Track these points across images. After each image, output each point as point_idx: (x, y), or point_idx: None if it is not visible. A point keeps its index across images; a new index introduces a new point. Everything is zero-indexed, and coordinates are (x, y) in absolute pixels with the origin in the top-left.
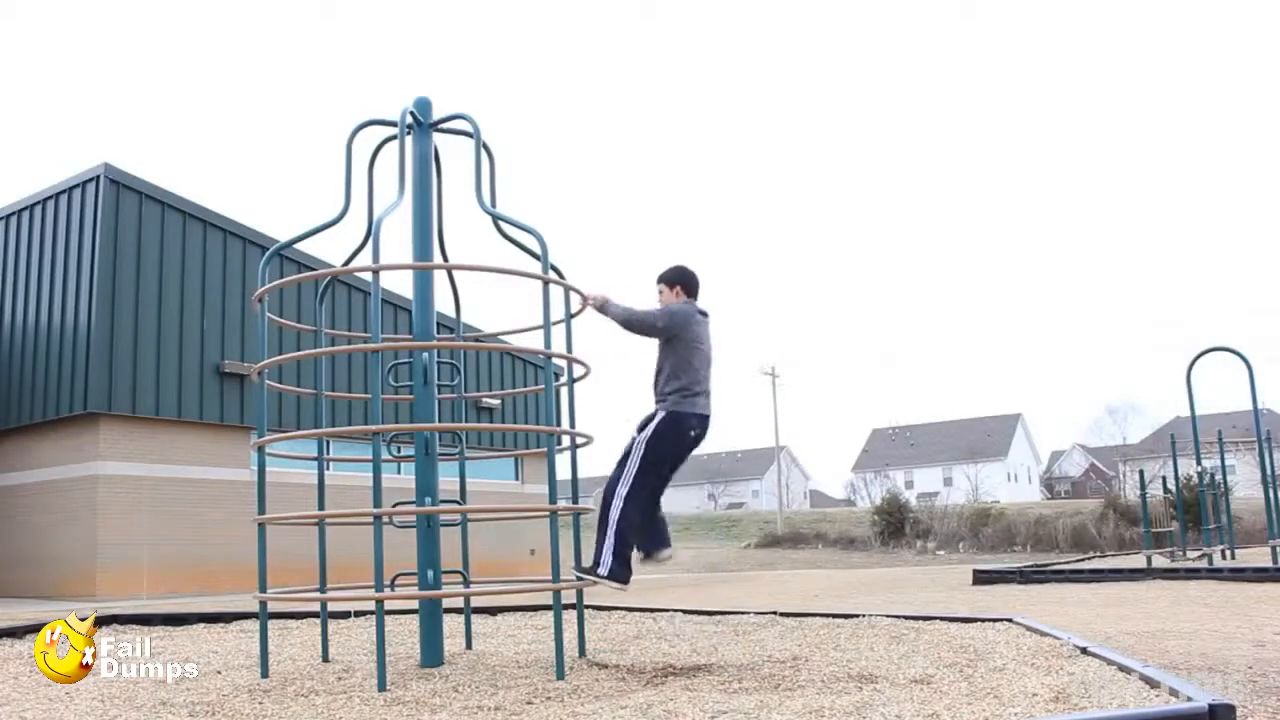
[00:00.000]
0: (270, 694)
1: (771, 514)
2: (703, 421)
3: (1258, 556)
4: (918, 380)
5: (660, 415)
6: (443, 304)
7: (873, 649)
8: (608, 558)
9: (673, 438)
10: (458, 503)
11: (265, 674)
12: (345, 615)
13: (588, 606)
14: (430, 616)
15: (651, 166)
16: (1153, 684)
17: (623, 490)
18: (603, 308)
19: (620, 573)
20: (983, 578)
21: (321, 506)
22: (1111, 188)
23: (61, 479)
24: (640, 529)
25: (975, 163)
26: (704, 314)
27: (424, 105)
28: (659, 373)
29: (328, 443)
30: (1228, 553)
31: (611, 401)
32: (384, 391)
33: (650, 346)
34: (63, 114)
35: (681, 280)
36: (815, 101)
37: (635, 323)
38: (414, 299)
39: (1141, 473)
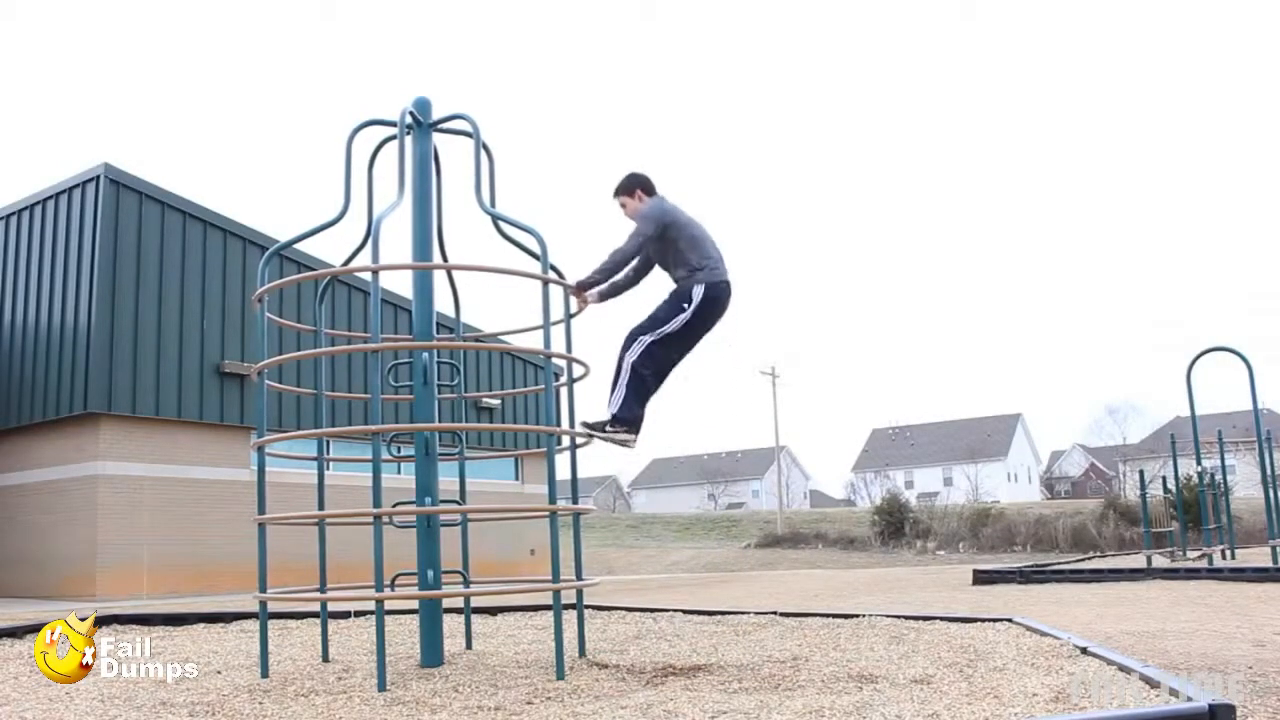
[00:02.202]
0: (270, 694)
1: (771, 514)
2: (730, 289)
3: (1258, 556)
4: (918, 380)
5: (699, 291)
6: (443, 304)
7: (873, 649)
8: (620, 395)
9: (711, 310)
10: (458, 503)
11: (265, 674)
12: (345, 615)
13: (588, 606)
14: (430, 616)
15: (651, 167)
16: (1153, 684)
17: (647, 339)
18: (588, 284)
19: (628, 416)
20: (983, 578)
21: (321, 506)
22: (1112, 187)
23: (61, 479)
24: (642, 394)
25: (975, 163)
26: (667, 201)
27: (424, 105)
28: (666, 263)
29: (328, 443)
30: (1228, 553)
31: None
32: (384, 391)
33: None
34: (63, 114)
35: (640, 184)
36: (816, 101)
37: (625, 255)
38: (414, 299)
39: (1141, 473)
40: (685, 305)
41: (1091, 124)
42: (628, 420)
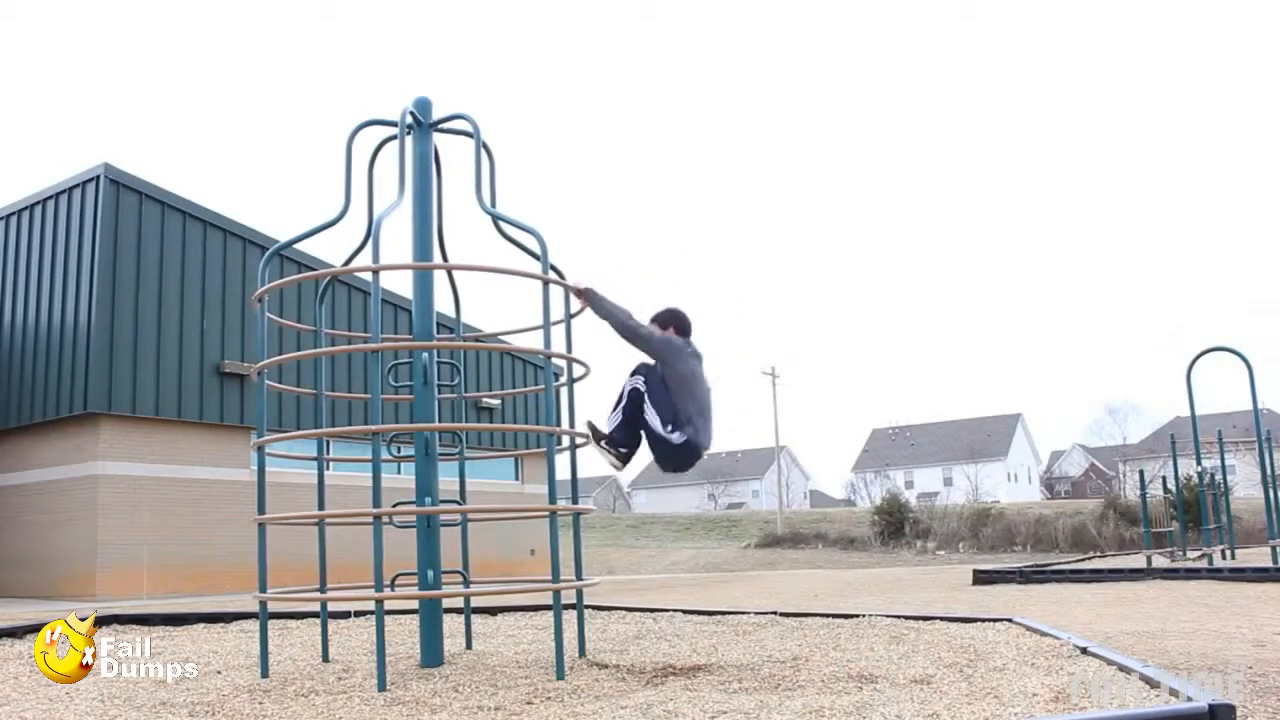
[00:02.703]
0: (270, 694)
1: (771, 514)
2: (699, 457)
3: (1258, 556)
4: (918, 380)
5: (678, 437)
6: (443, 304)
7: (873, 649)
8: (618, 417)
9: (678, 460)
10: (458, 503)
11: (265, 674)
12: (345, 615)
13: (588, 606)
14: (430, 616)
15: (651, 167)
16: (1153, 684)
17: (641, 387)
18: (589, 296)
19: (622, 439)
20: (983, 578)
21: (321, 506)
22: (1112, 188)
23: (61, 479)
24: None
25: (975, 163)
26: (698, 355)
27: (424, 105)
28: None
29: (328, 443)
30: (1228, 553)
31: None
32: (384, 391)
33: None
34: (63, 114)
35: (674, 321)
36: (816, 101)
37: (629, 328)
38: (414, 299)
39: (1141, 473)
40: (670, 428)
41: (1091, 124)
42: (620, 443)
